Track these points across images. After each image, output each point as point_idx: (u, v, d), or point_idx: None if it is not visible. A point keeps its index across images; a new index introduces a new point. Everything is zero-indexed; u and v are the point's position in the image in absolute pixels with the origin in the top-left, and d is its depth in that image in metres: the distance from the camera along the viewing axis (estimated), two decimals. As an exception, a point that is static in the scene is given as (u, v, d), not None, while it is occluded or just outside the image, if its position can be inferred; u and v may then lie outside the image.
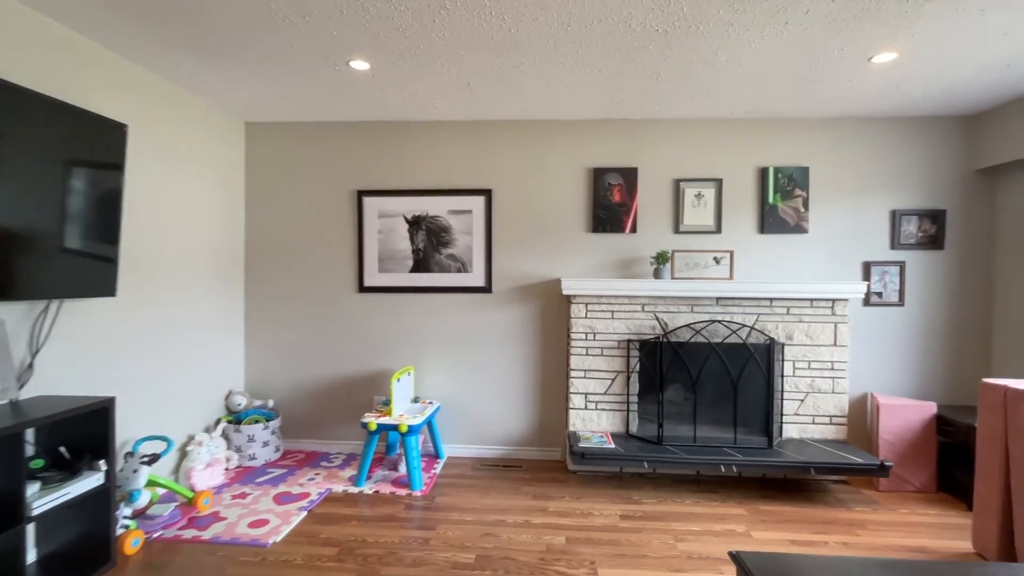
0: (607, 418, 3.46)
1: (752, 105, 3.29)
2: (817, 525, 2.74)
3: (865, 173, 3.50)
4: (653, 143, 3.61)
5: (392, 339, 3.77)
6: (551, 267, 3.69)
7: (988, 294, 3.46)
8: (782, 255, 3.56)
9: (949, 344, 3.49)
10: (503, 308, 3.71)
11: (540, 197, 3.68)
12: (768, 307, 3.35)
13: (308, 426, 3.83)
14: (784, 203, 3.52)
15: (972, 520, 2.50)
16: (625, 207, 3.60)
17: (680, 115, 3.51)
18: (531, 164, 3.68)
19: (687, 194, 3.57)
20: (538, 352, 3.70)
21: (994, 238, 3.44)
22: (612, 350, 3.44)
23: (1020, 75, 2.79)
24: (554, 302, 3.70)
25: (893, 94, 3.07)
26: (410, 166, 3.73)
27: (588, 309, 3.44)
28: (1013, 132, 3.21)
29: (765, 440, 3.21)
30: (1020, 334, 3.27)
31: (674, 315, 3.39)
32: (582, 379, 3.46)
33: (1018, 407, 2.27)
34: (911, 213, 3.47)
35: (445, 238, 3.72)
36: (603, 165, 3.64)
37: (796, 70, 2.74)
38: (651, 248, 3.62)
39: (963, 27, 2.27)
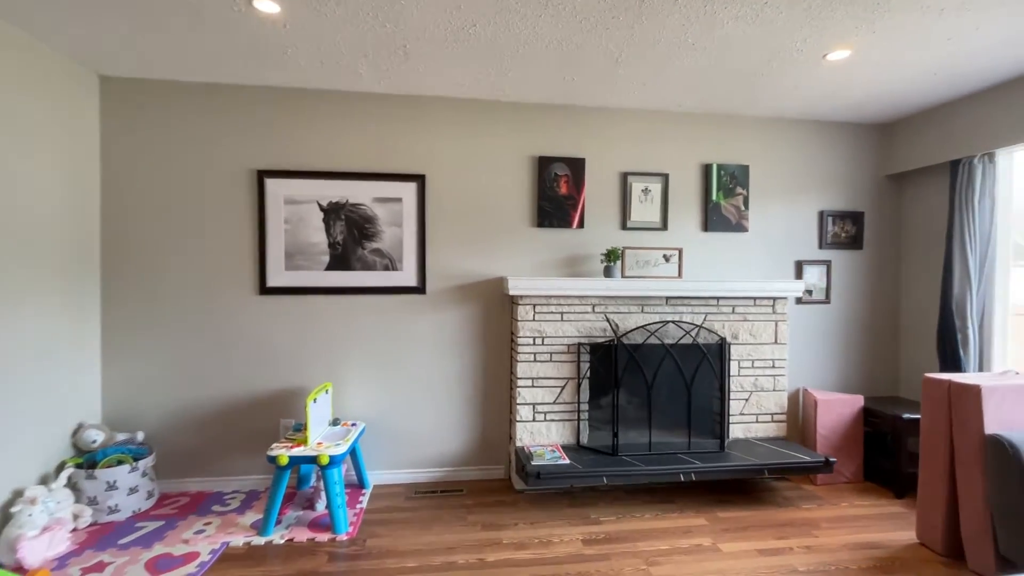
0: (557, 429, 3.17)
1: (700, 98, 3.19)
2: (775, 529, 2.68)
3: (796, 174, 3.59)
4: (601, 133, 3.39)
5: (304, 350, 3.15)
6: (493, 264, 3.32)
7: (897, 291, 3.72)
8: (725, 253, 3.53)
9: (868, 339, 3.70)
10: (439, 311, 3.26)
11: (480, 186, 3.29)
12: (715, 306, 3.28)
13: (194, 462, 3.07)
14: (726, 201, 3.49)
15: (916, 512, 2.57)
16: (572, 200, 3.34)
17: (629, 105, 3.33)
18: (470, 148, 3.28)
19: (634, 189, 3.40)
20: (479, 360, 3.31)
21: (901, 239, 3.70)
22: (562, 355, 3.16)
23: (932, 86, 2.96)
24: (496, 303, 3.33)
25: (829, 98, 3.14)
26: (326, 144, 3.14)
27: (536, 311, 3.12)
28: (915, 142, 3.45)
29: (717, 443, 3.13)
30: (922, 327, 3.54)
31: (625, 316, 3.20)
32: (529, 388, 3.13)
33: (962, 400, 2.35)
34: (835, 214, 3.62)
35: (369, 230, 3.18)
36: (549, 154, 3.34)
37: (753, 62, 2.65)
38: (599, 245, 3.40)
39: (918, 26, 2.29)
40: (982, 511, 2.26)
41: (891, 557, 2.42)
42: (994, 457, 2.18)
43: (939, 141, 3.28)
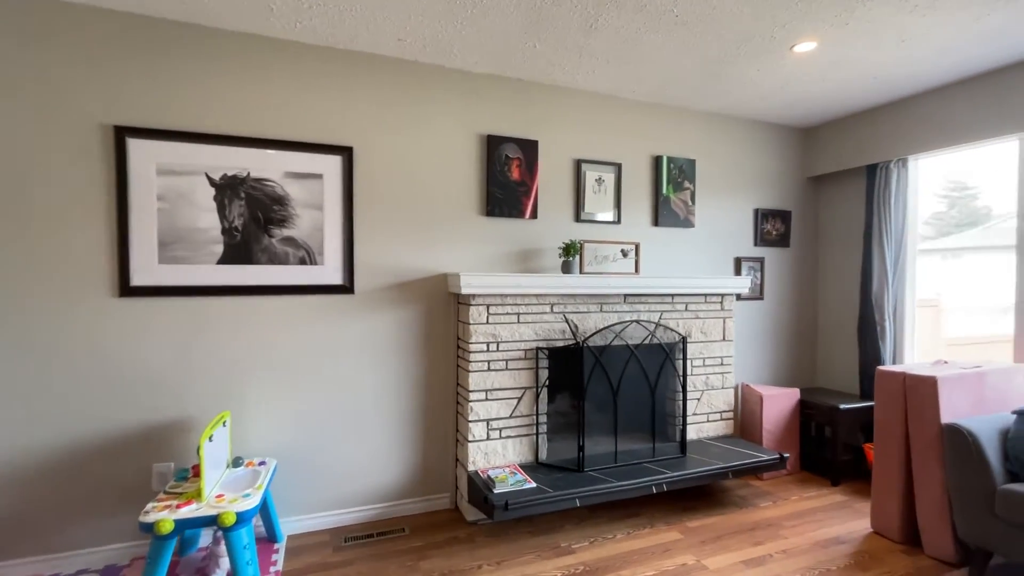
0: (513, 447, 2.78)
1: (655, 85, 3.02)
2: (746, 534, 2.58)
3: (735, 172, 3.61)
4: (554, 115, 3.07)
5: (188, 370, 2.38)
6: (435, 258, 2.83)
7: (816, 287, 3.94)
8: (674, 249, 3.43)
9: (795, 333, 3.86)
10: (370, 314, 2.69)
11: (421, 165, 2.78)
12: (671, 304, 3.14)
13: (20, 534, 2.15)
14: (675, 195, 3.39)
15: (871, 502, 2.64)
16: (525, 187, 2.97)
17: (584, 86, 3.05)
18: (409, 119, 2.75)
19: (588, 178, 3.14)
20: (419, 372, 2.80)
21: (821, 237, 3.93)
22: (518, 362, 2.78)
23: (862, 92, 3.11)
24: (440, 304, 2.84)
25: (766, 98, 3.16)
26: (221, 98, 2.41)
27: (490, 312, 2.71)
28: (835, 146, 3.66)
29: (677, 447, 2.99)
30: (841, 320, 3.78)
31: (584, 316, 2.91)
32: (483, 402, 2.71)
33: (918, 392, 2.42)
34: (768, 213, 3.71)
35: (279, 213, 2.51)
36: (500, 133, 2.94)
37: (725, 46, 2.51)
38: (552, 237, 3.07)
39: (885, 24, 2.30)
40: (940, 498, 2.34)
41: (858, 551, 2.43)
42: (952, 446, 2.25)
43: (858, 146, 3.49)
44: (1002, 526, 2.09)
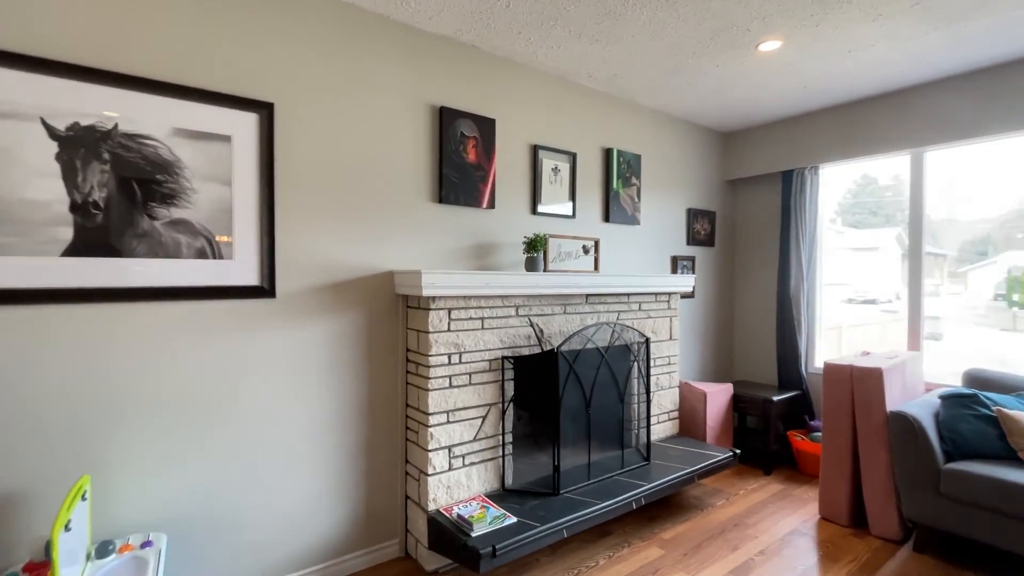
0: (479, 475, 2.37)
1: (611, 74, 2.85)
2: (719, 539, 2.52)
3: (673, 171, 3.62)
4: (511, 93, 2.72)
5: (18, 420, 1.56)
6: (380, 252, 2.30)
7: (734, 285, 4.15)
8: (623, 246, 3.30)
9: (719, 329, 4.01)
10: (297, 324, 2.07)
11: (364, 135, 2.23)
12: (626, 303, 3.00)
13: None
14: (624, 191, 3.26)
15: (819, 490, 2.75)
16: (482, 172, 2.58)
17: (544, 64, 2.75)
18: (348, 76, 2.19)
19: (545, 166, 2.85)
20: (360, 394, 2.25)
21: (741, 238, 4.14)
22: (483, 375, 2.38)
23: (792, 99, 3.30)
24: (385, 309, 2.32)
25: (715, 96, 3.19)
26: (74, 7, 1.61)
27: (452, 318, 2.26)
28: (748, 152, 3.89)
29: (643, 453, 2.85)
30: (754, 317, 4.02)
31: (548, 319, 2.62)
32: (444, 426, 2.25)
33: (865, 383, 2.57)
34: (698, 212, 3.79)
35: (167, 186, 1.78)
36: (454, 106, 2.50)
37: (700, 36, 2.41)
38: (509, 231, 2.72)
39: (847, 30, 2.38)
40: (886, 481, 2.50)
41: (821, 541, 2.50)
42: (897, 431, 2.42)
43: (776, 152, 3.73)
44: (947, 503, 2.27)
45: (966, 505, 2.21)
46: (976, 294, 4.20)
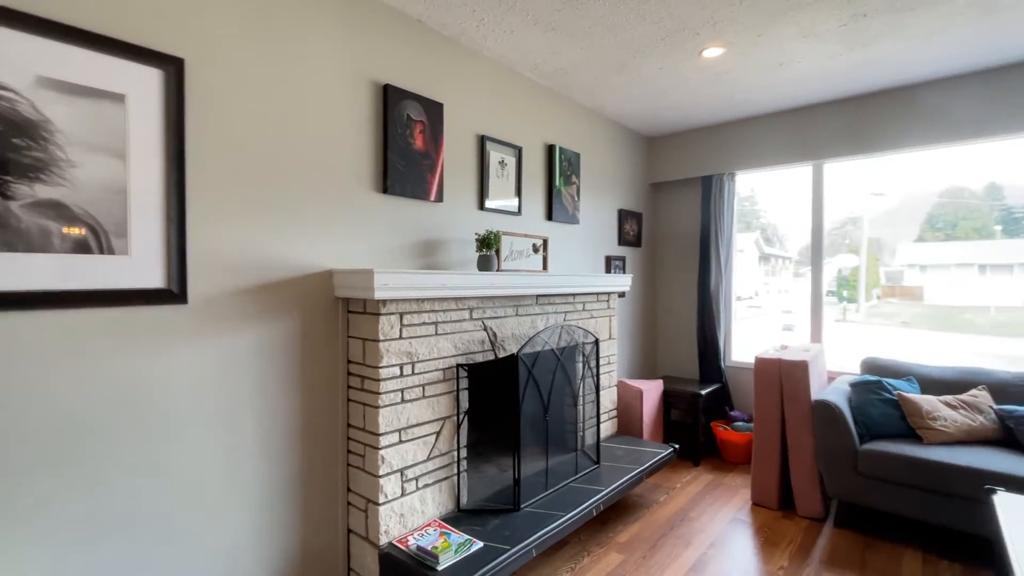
0: (433, 498, 2.13)
1: (559, 66, 2.77)
2: (672, 536, 2.55)
3: (607, 171, 3.64)
4: (459, 78, 2.50)
5: None
6: (316, 249, 1.96)
7: (656, 285, 4.31)
8: (564, 245, 3.24)
9: (645, 327, 4.13)
10: (213, 337, 1.68)
11: (295, 109, 1.88)
12: (572, 303, 2.93)
13: None
14: (566, 189, 3.20)
15: (751, 477, 2.92)
16: (430, 161, 2.33)
17: (492, 51, 2.57)
18: (276, 37, 1.82)
19: (492, 159, 2.68)
20: (291, 417, 1.90)
21: (657, 240, 4.31)
22: (437, 385, 2.14)
23: (702, 111, 3.48)
24: (322, 315, 1.99)
25: (650, 99, 3.26)
26: None
27: (404, 324, 2.00)
28: (671, 157, 4.07)
29: (593, 456, 2.80)
30: (676, 315, 4.21)
31: (501, 321, 2.45)
32: (396, 446, 1.99)
33: (792, 376, 2.77)
34: (627, 213, 3.87)
35: (27, 155, 1.32)
36: (400, 85, 2.23)
37: (651, 35, 2.40)
38: (457, 226, 2.51)
39: (784, 45, 2.53)
40: (811, 465, 2.71)
41: (759, 527, 2.64)
42: (821, 418, 2.63)
43: (696, 158, 3.92)
44: (863, 480, 2.51)
45: (879, 481, 2.46)
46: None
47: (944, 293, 6.23)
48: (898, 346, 4.03)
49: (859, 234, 3.94)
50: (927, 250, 6.39)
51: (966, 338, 5.63)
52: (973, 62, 2.70)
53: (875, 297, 6.28)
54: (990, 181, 6.25)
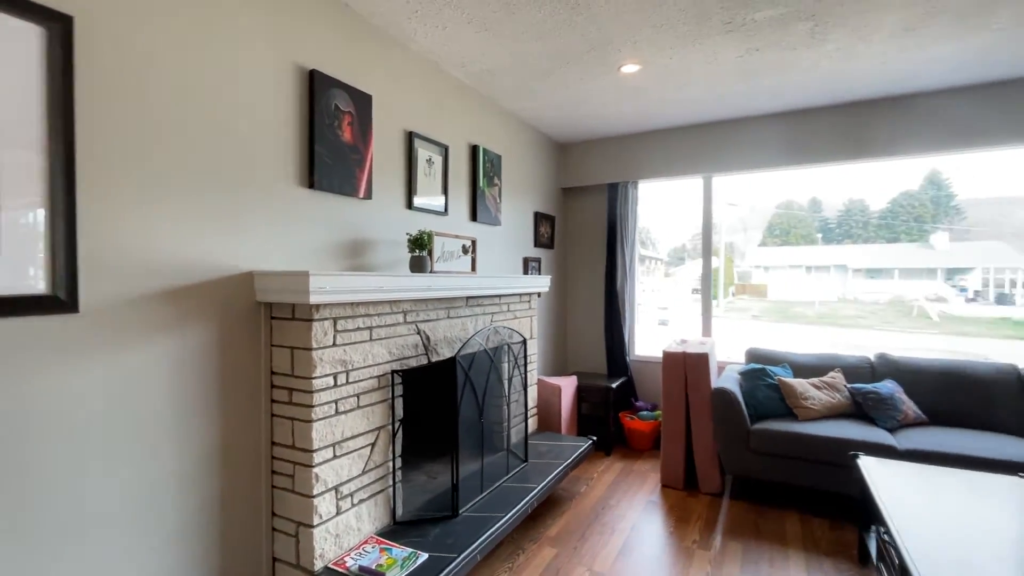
0: (369, 513, 2.01)
1: (487, 67, 2.77)
2: (598, 524, 2.68)
3: (525, 174, 3.71)
4: (388, 69, 2.39)
5: None
6: (233, 248, 1.75)
7: (566, 285, 4.50)
8: (488, 247, 3.24)
9: (557, 326, 4.28)
10: (112, 351, 1.42)
11: (210, 88, 1.66)
12: (498, 304, 2.96)
13: None
14: (489, 190, 3.21)
15: (661, 463, 3.17)
16: (359, 155, 2.19)
17: (420, 48, 2.49)
18: (190, 3, 1.59)
19: (420, 156, 2.59)
20: (208, 438, 1.67)
21: (567, 243, 4.50)
22: (372, 394, 2.03)
23: (611, 122, 3.73)
24: (241, 322, 1.77)
25: (567, 108, 3.39)
26: None
27: (338, 329, 1.87)
28: (580, 164, 4.28)
29: (522, 455, 2.84)
30: (584, 313, 4.44)
31: (434, 324, 2.39)
32: (331, 462, 1.84)
33: (696, 367, 3.06)
34: (542, 216, 3.99)
35: None
36: (328, 72, 2.06)
37: (581, 44, 2.51)
38: (386, 226, 2.39)
39: (690, 65, 2.78)
40: (711, 447, 3.03)
41: (670, 507, 2.88)
42: (719, 404, 2.95)
43: (604, 166, 4.16)
44: (754, 456, 2.87)
45: (767, 455, 2.83)
46: (681, 289, 5.50)
47: (782, 290, 7.30)
48: (751, 336, 4.69)
49: (718, 239, 4.46)
50: (768, 253, 7.45)
51: (799, 327, 6.65)
52: (835, 97, 3.21)
53: (731, 294, 7.18)
54: (812, 196, 7.46)
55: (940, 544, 1.60)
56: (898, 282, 6.71)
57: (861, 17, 2.23)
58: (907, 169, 7.26)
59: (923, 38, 2.41)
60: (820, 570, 2.24)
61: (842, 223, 7.57)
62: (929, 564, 1.50)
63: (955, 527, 1.70)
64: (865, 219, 7.21)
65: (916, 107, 3.14)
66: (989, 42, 2.44)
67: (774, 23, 2.28)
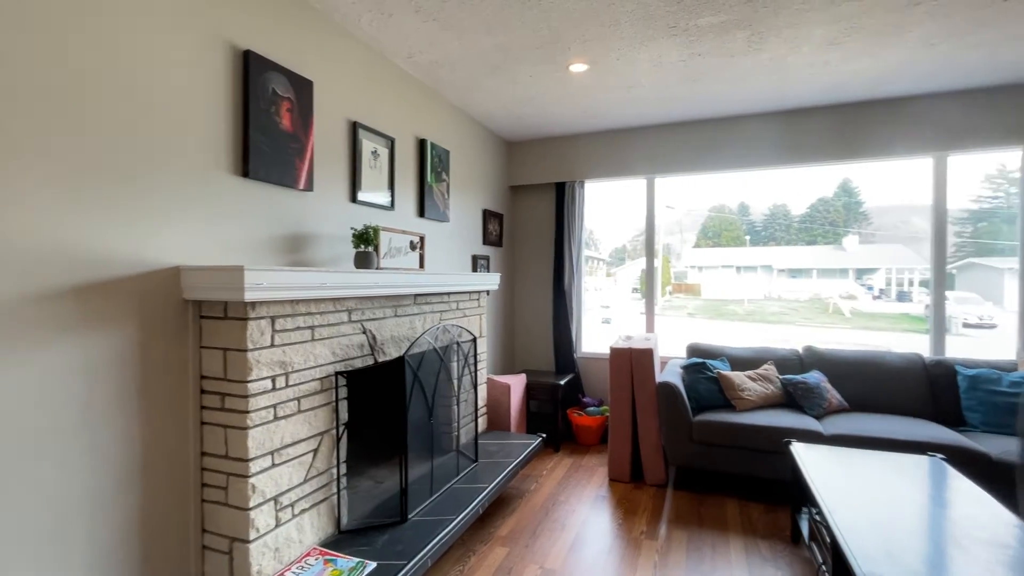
0: (311, 523, 1.90)
1: (434, 60, 2.70)
2: (549, 521, 2.69)
3: (473, 170, 3.66)
4: (331, 56, 2.26)
5: None
6: (155, 240, 1.59)
7: (514, 283, 4.49)
8: (435, 243, 3.16)
9: (505, 324, 4.26)
10: (6, 360, 1.24)
11: (125, 58, 1.49)
12: (447, 302, 2.89)
13: None
14: (437, 186, 3.13)
15: (608, 457, 3.22)
16: (299, 144, 2.06)
17: (365, 35, 2.38)
18: (103, -32, 1.42)
19: (365, 148, 2.49)
20: (127, 452, 1.51)
21: (515, 241, 4.49)
22: (314, 397, 1.91)
23: (558, 122, 3.77)
24: (165, 322, 1.62)
25: (514, 105, 3.38)
26: None
27: (276, 329, 1.74)
28: (528, 162, 4.30)
29: (472, 455, 2.79)
30: (532, 311, 4.45)
31: (380, 322, 2.30)
32: (269, 471, 1.72)
33: (641, 363, 3.14)
34: (491, 213, 3.96)
35: None
36: (265, 54, 1.92)
37: (532, 39, 2.50)
38: (328, 220, 2.27)
39: (637, 67, 2.85)
40: (656, 440, 3.11)
41: (618, 500, 2.94)
42: (664, 398, 3.04)
43: (552, 165, 4.19)
44: (696, 447, 2.98)
45: (708, 445, 2.94)
46: (623, 287, 5.74)
47: (714, 289, 7.71)
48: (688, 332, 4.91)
49: (656, 240, 4.63)
50: (702, 254, 7.86)
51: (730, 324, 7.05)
52: (768, 105, 3.39)
53: (668, 293, 7.52)
54: (741, 201, 7.95)
55: (864, 518, 1.72)
56: (816, 281, 7.19)
57: (793, 29, 2.36)
58: (824, 177, 7.84)
59: (846, 52, 2.59)
60: (757, 552, 2.36)
61: (767, 226, 8.04)
62: (856, 537, 1.60)
63: (876, 502, 1.84)
64: (788, 223, 7.69)
65: (837, 117, 3.38)
66: (904, 59, 2.67)
67: (715, 29, 2.37)
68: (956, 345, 3.38)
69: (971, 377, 2.90)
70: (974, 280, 4.90)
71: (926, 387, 3.05)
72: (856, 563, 1.48)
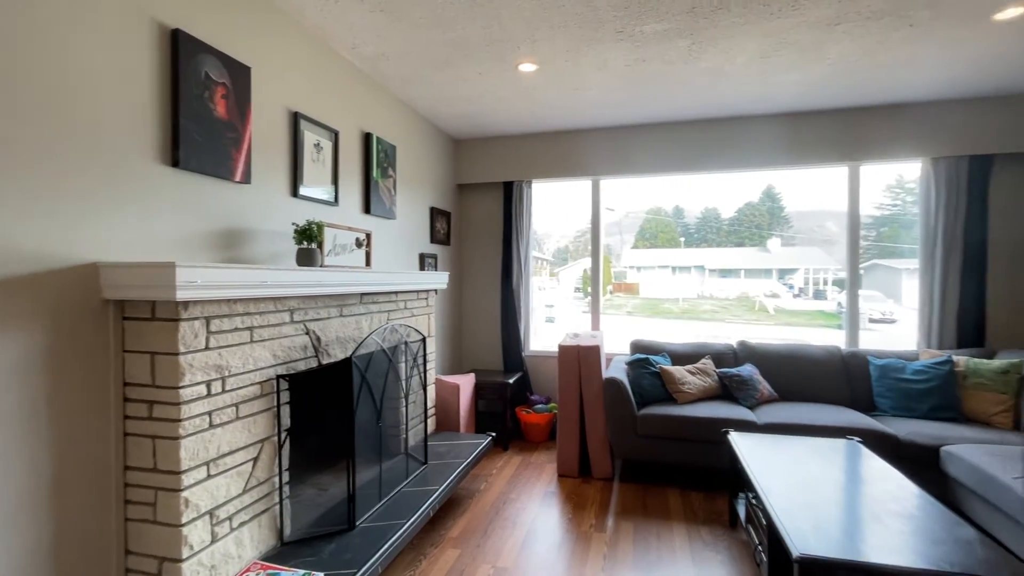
0: (251, 536, 1.78)
1: (379, 51, 2.62)
2: (499, 519, 2.68)
3: (421, 167, 3.59)
4: (270, 42, 2.14)
5: None
6: (70, 234, 1.43)
7: (462, 282, 4.45)
8: (381, 241, 3.07)
9: (453, 323, 4.21)
10: None
11: (31, 29, 1.33)
12: (395, 301, 2.82)
13: None
14: (383, 181, 3.04)
15: (557, 453, 3.27)
16: (235, 133, 1.93)
17: (309, 23, 2.27)
18: (5, -74, 1.26)
19: (307, 140, 2.37)
20: (36, 469, 1.35)
21: (463, 239, 4.45)
22: (253, 403, 1.80)
23: (506, 122, 3.78)
24: (81, 324, 1.46)
25: (461, 103, 3.35)
26: None
27: (211, 331, 1.62)
28: (475, 161, 4.28)
29: (421, 458, 2.73)
30: (480, 311, 4.44)
31: (325, 323, 2.20)
32: (204, 483, 1.60)
33: (589, 360, 3.21)
34: (439, 211, 3.90)
35: None
36: (197, 34, 1.78)
37: (482, 35, 2.49)
38: (267, 215, 2.15)
39: (585, 69, 2.90)
40: (603, 435, 3.19)
41: (567, 494, 2.98)
42: (610, 393, 3.13)
43: (499, 164, 4.19)
44: (641, 440, 3.08)
45: (651, 438, 3.06)
46: (565, 287, 5.91)
47: (652, 288, 8.06)
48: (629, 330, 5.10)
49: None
50: (640, 255, 8.20)
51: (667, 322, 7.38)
52: (706, 111, 3.57)
53: (609, 292, 7.79)
54: (676, 204, 8.36)
55: (795, 500, 1.84)
56: (744, 281, 7.65)
57: (730, 40, 2.50)
58: (751, 182, 8.36)
59: (776, 65, 2.77)
60: (699, 537, 2.47)
61: (700, 229, 8.46)
62: (789, 518, 1.72)
63: (804, 484, 1.98)
64: (718, 225, 8.14)
65: (772, 125, 3.62)
66: (826, 74, 2.89)
67: (659, 36, 2.46)
68: (864, 338, 3.72)
69: (881, 367, 3.19)
70: (877, 280, 5.38)
71: (843, 377, 3.32)
72: (791, 540, 1.58)
